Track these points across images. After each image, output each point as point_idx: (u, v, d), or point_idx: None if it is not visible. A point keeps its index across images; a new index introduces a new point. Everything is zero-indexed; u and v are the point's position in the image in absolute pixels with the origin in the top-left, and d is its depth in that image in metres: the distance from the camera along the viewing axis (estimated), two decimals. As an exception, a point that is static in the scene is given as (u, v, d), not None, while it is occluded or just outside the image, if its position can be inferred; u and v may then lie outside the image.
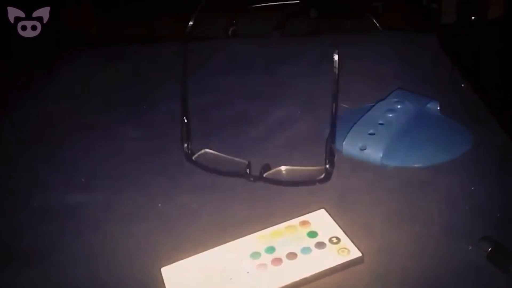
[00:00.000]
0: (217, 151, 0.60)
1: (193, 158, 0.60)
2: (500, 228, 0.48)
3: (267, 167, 0.57)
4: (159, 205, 0.55)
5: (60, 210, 0.56)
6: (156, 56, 0.84)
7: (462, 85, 0.70)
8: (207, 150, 0.61)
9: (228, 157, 0.59)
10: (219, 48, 0.86)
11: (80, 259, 0.49)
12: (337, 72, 0.54)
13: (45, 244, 0.52)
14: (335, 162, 0.56)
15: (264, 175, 0.57)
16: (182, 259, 0.47)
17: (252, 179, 0.57)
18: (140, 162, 0.62)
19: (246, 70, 0.82)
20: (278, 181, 0.57)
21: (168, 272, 0.46)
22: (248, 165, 0.57)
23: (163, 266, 0.47)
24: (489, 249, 0.45)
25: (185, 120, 0.61)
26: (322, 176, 0.56)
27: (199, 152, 0.61)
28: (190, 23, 0.58)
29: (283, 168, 0.58)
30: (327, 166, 0.56)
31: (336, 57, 0.53)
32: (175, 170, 0.60)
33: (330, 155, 0.56)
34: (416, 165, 0.57)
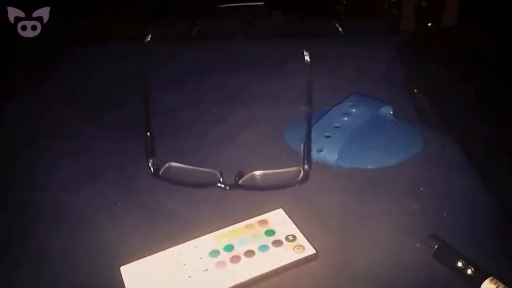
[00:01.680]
0: (181, 162, 0.59)
1: (160, 173, 0.58)
2: (446, 227, 0.50)
3: (241, 174, 0.57)
4: (119, 204, 0.56)
5: (17, 209, 0.56)
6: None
7: (415, 90, 0.73)
8: (172, 163, 0.59)
9: (196, 168, 0.58)
10: (183, 48, 0.87)
11: (38, 259, 0.49)
12: (309, 73, 0.55)
13: (1, 243, 0.51)
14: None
15: (240, 182, 0.57)
16: (141, 258, 0.48)
17: (228, 187, 0.56)
18: (100, 162, 0.63)
19: (208, 72, 0.82)
20: (255, 187, 0.57)
21: (128, 271, 0.47)
22: (221, 174, 0.56)
23: (122, 265, 0.47)
24: (436, 247, 0.48)
25: (148, 135, 0.59)
26: (301, 176, 0.57)
27: (164, 166, 0.59)
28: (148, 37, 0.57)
29: (257, 172, 0.57)
30: (306, 166, 0.57)
31: (307, 58, 0.54)
32: (135, 170, 0.61)
33: (308, 155, 0.57)
34: (369, 167, 0.60)
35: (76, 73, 0.81)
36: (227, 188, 0.56)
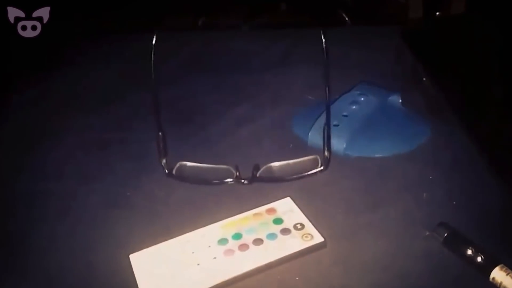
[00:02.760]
0: (189, 157, 0.58)
1: (175, 173, 0.57)
2: (455, 215, 0.50)
3: (257, 167, 0.56)
4: (128, 194, 0.56)
5: (27, 198, 0.56)
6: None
7: (424, 79, 0.73)
8: (183, 162, 0.58)
9: (211, 165, 0.57)
10: (188, 40, 0.87)
11: (47, 247, 0.50)
12: (326, 58, 0.55)
13: (12, 231, 0.52)
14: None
15: (258, 175, 0.56)
16: (150, 246, 0.48)
17: (246, 182, 0.55)
18: (108, 152, 0.63)
19: (214, 63, 0.82)
20: (274, 178, 0.56)
21: (137, 259, 0.47)
22: (237, 169, 0.56)
23: (131, 253, 0.48)
24: (445, 235, 0.47)
25: (160, 135, 0.57)
26: (322, 164, 0.56)
27: (176, 166, 0.57)
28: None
29: (274, 164, 0.57)
30: (326, 153, 0.57)
31: (324, 42, 0.55)
32: (143, 160, 0.61)
33: (328, 142, 0.56)
34: (377, 155, 0.60)
35: (80, 68, 0.81)
36: (246, 182, 0.55)
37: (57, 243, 0.50)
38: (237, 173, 0.56)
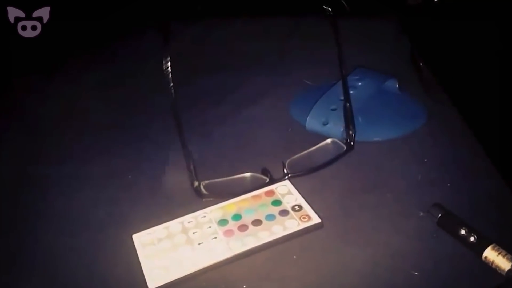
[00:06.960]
0: (214, 178, 0.55)
1: (207, 193, 0.53)
2: (450, 197, 0.51)
3: (284, 164, 0.55)
4: (129, 176, 0.57)
5: (31, 181, 0.57)
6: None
7: (421, 64, 0.74)
8: (206, 181, 0.54)
9: (233, 177, 0.55)
10: (187, 25, 0.87)
11: (53, 228, 0.51)
12: (338, 37, 0.57)
13: (17, 214, 0.53)
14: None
15: (290, 174, 0.55)
16: (153, 226, 0.50)
17: (285, 180, 0.54)
18: (109, 137, 0.64)
19: (213, 48, 0.83)
20: (309, 170, 0.56)
21: (139, 239, 0.49)
22: (267, 171, 0.55)
23: (134, 233, 0.49)
24: (439, 215, 0.48)
25: (192, 163, 0.54)
26: (346, 145, 0.57)
27: (202, 186, 0.54)
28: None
29: (298, 156, 0.56)
30: (350, 132, 0.58)
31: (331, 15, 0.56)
32: (143, 142, 0.62)
33: (351, 121, 0.57)
34: (374, 139, 0.60)
35: (80, 68, 0.81)
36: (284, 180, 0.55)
37: (61, 224, 0.51)
38: (269, 175, 0.55)
